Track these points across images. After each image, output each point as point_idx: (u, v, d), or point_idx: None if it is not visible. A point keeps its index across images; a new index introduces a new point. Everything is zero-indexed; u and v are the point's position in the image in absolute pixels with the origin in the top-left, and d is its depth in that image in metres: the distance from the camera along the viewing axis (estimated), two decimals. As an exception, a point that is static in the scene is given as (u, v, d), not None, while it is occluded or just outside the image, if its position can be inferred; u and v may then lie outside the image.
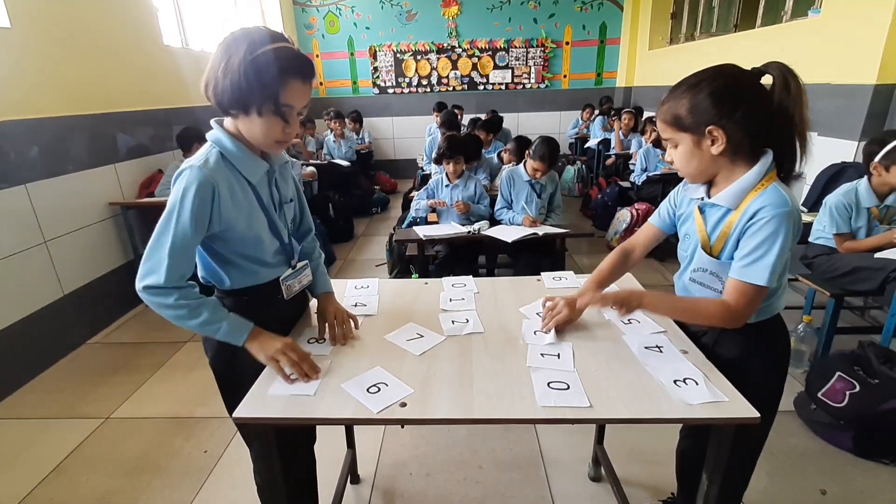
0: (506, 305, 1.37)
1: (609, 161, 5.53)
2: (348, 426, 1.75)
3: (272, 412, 0.93)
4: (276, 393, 0.98)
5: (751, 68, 0.98)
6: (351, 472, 1.74)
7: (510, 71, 7.02)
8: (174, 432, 2.05)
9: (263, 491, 1.29)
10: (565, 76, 7.07)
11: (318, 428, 1.43)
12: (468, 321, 1.26)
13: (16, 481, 1.82)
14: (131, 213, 3.13)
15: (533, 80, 7.05)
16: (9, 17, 2.40)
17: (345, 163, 5.35)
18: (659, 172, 4.10)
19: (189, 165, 0.99)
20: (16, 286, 2.42)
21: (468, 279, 1.54)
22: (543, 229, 2.61)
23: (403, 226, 3.59)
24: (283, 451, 1.03)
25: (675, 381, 0.96)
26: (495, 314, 1.31)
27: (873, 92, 2.78)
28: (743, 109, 0.93)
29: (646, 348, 1.09)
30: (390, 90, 7.16)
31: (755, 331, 1.08)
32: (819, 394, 1.91)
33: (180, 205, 0.96)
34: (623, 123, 5.48)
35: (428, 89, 7.12)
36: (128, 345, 2.83)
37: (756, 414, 0.87)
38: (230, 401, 1.17)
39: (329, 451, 1.73)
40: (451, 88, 7.10)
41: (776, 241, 0.93)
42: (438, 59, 6.99)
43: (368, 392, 0.97)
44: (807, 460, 1.80)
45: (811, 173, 3.07)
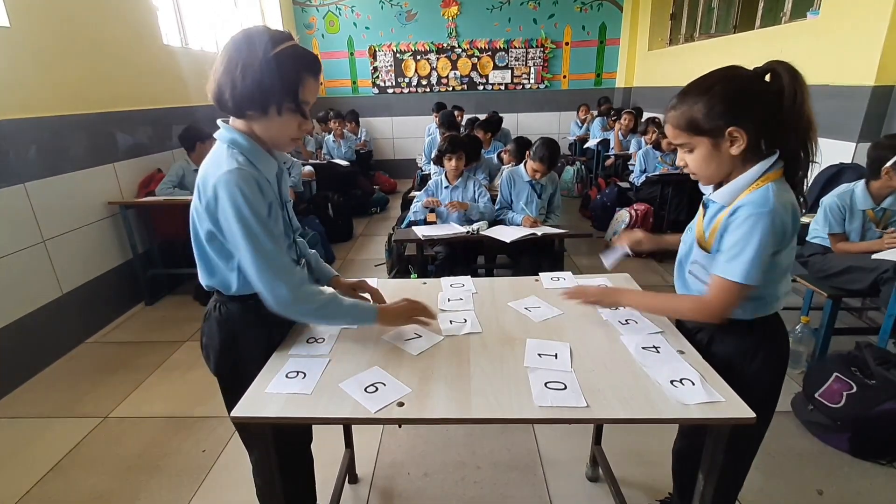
0: (504, 306, 1.37)
1: (608, 162, 5.54)
2: (346, 426, 1.75)
3: (270, 412, 0.93)
4: (274, 391, 0.98)
5: (753, 68, 0.98)
6: (349, 472, 1.74)
7: (510, 71, 7.02)
8: (172, 432, 2.05)
9: (263, 491, 1.29)
10: (565, 77, 7.08)
11: (316, 427, 1.43)
12: (466, 321, 1.26)
13: (14, 480, 1.82)
14: (130, 213, 3.13)
15: (532, 81, 7.05)
16: (8, 17, 2.40)
17: (344, 163, 5.35)
18: (658, 173, 4.10)
19: (223, 170, 0.95)
20: (14, 285, 2.42)
21: (466, 279, 1.54)
22: (543, 230, 2.62)
23: (402, 226, 3.60)
24: (281, 452, 1.03)
25: (672, 382, 0.96)
26: (493, 314, 1.32)
27: (871, 93, 2.79)
28: (758, 109, 0.95)
29: (643, 348, 1.10)
30: (390, 90, 7.16)
31: (751, 329, 1.09)
32: (816, 394, 1.92)
33: (247, 206, 0.94)
34: (622, 124, 5.48)
35: (427, 89, 7.12)
36: (126, 344, 2.83)
37: (752, 414, 0.87)
38: (234, 404, 1.16)
39: (327, 451, 1.74)
40: (451, 88, 7.10)
41: (751, 240, 0.95)
42: (438, 60, 6.99)
43: (366, 392, 0.97)
44: (804, 461, 1.80)
45: (809, 174, 3.07)
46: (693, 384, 0.95)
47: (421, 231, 2.67)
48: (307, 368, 1.06)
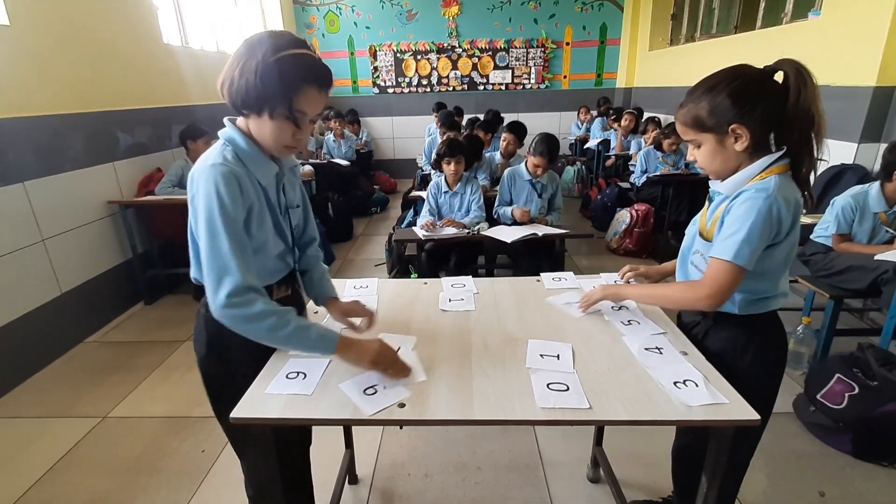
0: (505, 306, 1.36)
1: (609, 162, 5.53)
2: (346, 426, 1.74)
3: (270, 412, 0.92)
4: (274, 391, 0.98)
5: (763, 66, 1.00)
6: (349, 473, 1.74)
7: (510, 71, 7.02)
8: (172, 432, 2.04)
9: (259, 502, 1.28)
10: (565, 77, 7.07)
11: (316, 428, 1.42)
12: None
13: (12, 481, 1.81)
14: (130, 212, 3.12)
15: (533, 81, 7.04)
16: (8, 15, 2.39)
17: (344, 162, 5.34)
18: (659, 173, 4.09)
19: (208, 164, 0.95)
20: (13, 284, 2.41)
21: (467, 279, 1.54)
22: (543, 230, 2.61)
23: (403, 226, 3.59)
24: (280, 456, 1.01)
25: (675, 383, 0.96)
26: (495, 315, 1.31)
27: (873, 94, 2.79)
28: (762, 107, 0.97)
29: (646, 350, 1.09)
30: (390, 90, 7.15)
31: (744, 324, 1.10)
32: (818, 396, 1.91)
33: (218, 202, 0.92)
34: (622, 125, 5.48)
35: (428, 89, 7.11)
36: (125, 344, 2.82)
37: (756, 416, 0.87)
38: (218, 404, 1.15)
39: (327, 452, 1.73)
40: (452, 88, 7.09)
41: (747, 221, 0.97)
42: (438, 59, 6.98)
43: (365, 393, 0.97)
44: (805, 462, 1.80)
45: (815, 172, 3.08)
46: (696, 385, 0.95)
47: (422, 231, 2.66)
48: (307, 369, 1.05)
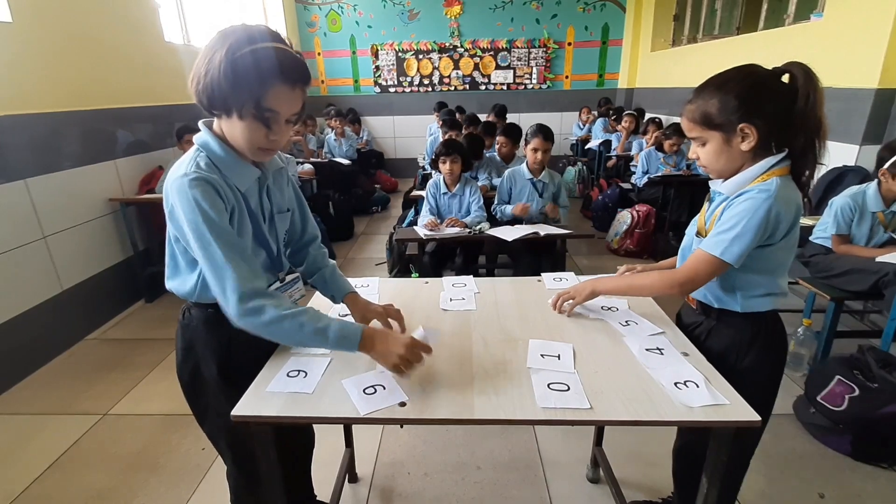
0: (506, 306, 1.36)
1: (610, 163, 5.53)
2: (347, 425, 1.74)
3: (271, 411, 0.92)
4: (275, 390, 0.98)
5: (772, 68, 1.00)
6: (349, 472, 1.74)
7: (512, 71, 7.01)
8: (172, 429, 2.04)
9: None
10: (567, 77, 7.07)
11: (317, 427, 1.42)
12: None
13: (11, 477, 1.81)
14: (131, 210, 3.12)
15: (535, 81, 7.04)
16: (10, 12, 2.39)
17: (345, 161, 5.34)
18: (660, 174, 4.09)
19: (180, 174, 0.91)
20: (14, 281, 2.42)
21: (468, 279, 1.54)
22: (545, 229, 2.60)
23: (403, 225, 3.59)
24: (281, 456, 1.01)
25: (676, 384, 0.96)
26: (496, 314, 1.31)
27: (875, 96, 2.78)
28: (772, 107, 0.97)
29: (646, 350, 1.09)
30: (392, 89, 7.15)
31: (748, 322, 1.10)
32: (818, 397, 1.91)
33: (200, 212, 0.88)
34: (624, 126, 5.47)
35: (429, 89, 7.11)
36: (126, 341, 2.82)
37: (756, 417, 0.87)
38: (195, 409, 1.14)
39: (328, 450, 1.73)
40: (453, 88, 7.09)
41: (743, 219, 0.98)
42: (440, 59, 6.98)
43: (364, 393, 0.97)
44: (805, 463, 1.80)
45: (815, 175, 3.07)
46: (697, 386, 0.95)
47: (423, 230, 2.66)
48: (308, 368, 1.05)
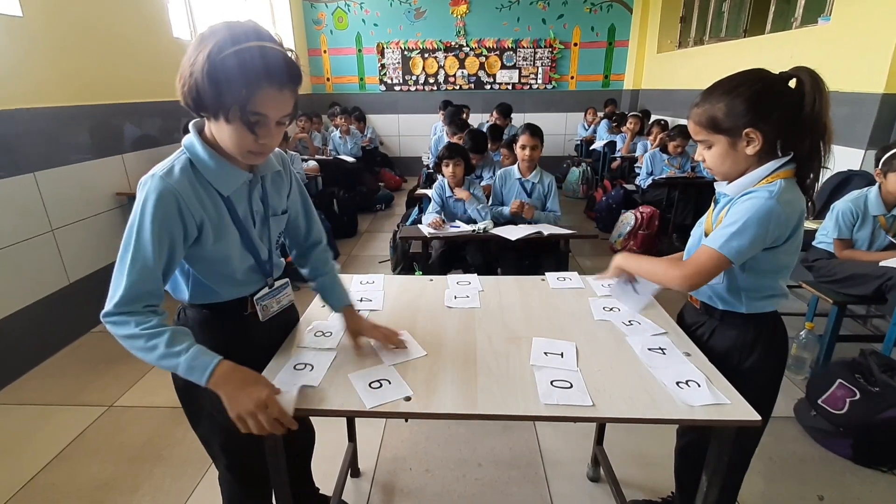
0: (510, 304, 1.38)
1: (614, 164, 5.53)
2: (350, 420, 1.76)
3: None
4: (281, 382, 0.98)
5: (779, 72, 1.01)
6: (352, 466, 1.76)
7: (517, 71, 7.01)
8: (176, 421, 2.06)
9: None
10: (572, 77, 7.06)
11: (320, 421, 1.43)
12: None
13: (19, 467, 1.84)
14: (138, 204, 3.14)
15: (540, 81, 7.04)
16: (20, 6, 2.42)
17: (350, 159, 5.36)
18: (665, 176, 4.09)
19: (152, 174, 0.91)
20: (23, 273, 2.44)
21: (473, 277, 1.55)
22: (549, 229, 2.61)
23: (408, 223, 3.60)
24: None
25: (678, 383, 0.97)
26: (500, 312, 1.32)
27: (881, 101, 2.78)
28: (778, 113, 0.98)
29: (649, 350, 1.10)
30: (397, 87, 7.16)
31: (751, 323, 1.11)
32: (819, 400, 1.91)
33: (140, 219, 0.88)
34: (628, 127, 5.47)
35: (434, 87, 7.12)
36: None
37: (757, 417, 0.88)
38: (188, 412, 1.15)
39: (330, 445, 1.75)
40: (458, 87, 7.10)
41: (744, 217, 0.99)
42: (446, 58, 6.98)
43: (370, 387, 0.98)
44: (805, 466, 1.80)
45: (819, 179, 3.08)
46: (699, 386, 0.96)
47: (427, 229, 2.67)
48: (315, 361, 1.07)
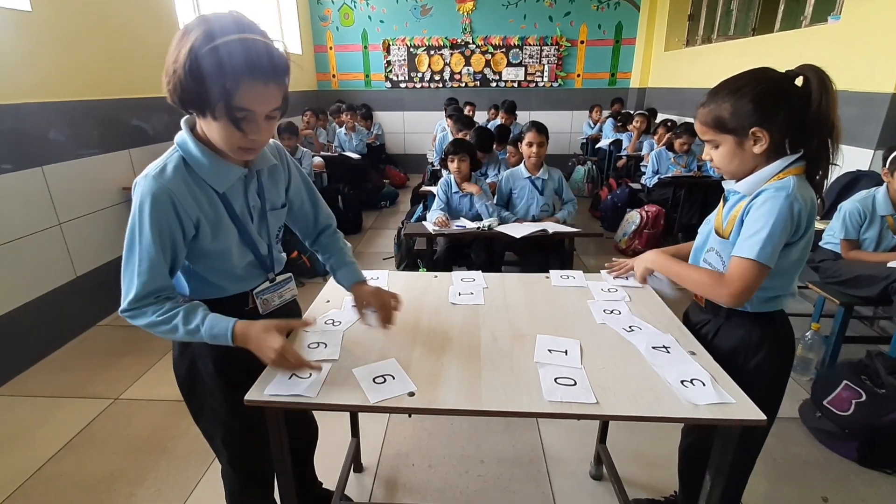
0: (515, 301, 1.37)
1: (620, 162, 5.51)
2: (353, 414, 1.77)
3: (283, 396, 0.94)
4: (286, 377, 0.99)
5: (785, 71, 1.00)
6: (355, 461, 1.76)
7: (523, 69, 6.99)
8: (182, 414, 2.07)
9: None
10: (579, 75, 7.03)
11: (323, 416, 1.44)
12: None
13: (26, 457, 1.86)
14: (144, 199, 3.16)
15: (546, 79, 7.01)
16: (29, 1, 2.43)
17: (355, 156, 5.36)
18: (671, 175, 4.07)
19: (144, 174, 0.91)
20: (30, 267, 2.47)
21: (477, 274, 1.55)
22: (553, 227, 2.61)
23: (412, 220, 3.60)
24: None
25: (682, 382, 0.96)
26: (504, 309, 1.32)
27: (891, 100, 2.75)
28: (784, 112, 0.98)
29: (653, 348, 1.10)
30: (402, 84, 7.15)
31: (758, 322, 1.11)
32: (825, 402, 1.90)
33: (139, 221, 0.90)
34: (634, 126, 5.44)
35: (440, 85, 7.10)
36: (137, 328, 2.83)
37: (762, 416, 0.87)
38: (191, 405, 1.16)
39: (334, 440, 1.76)
40: (464, 84, 7.08)
41: (769, 220, 0.98)
42: (452, 55, 6.97)
43: (374, 382, 0.98)
44: (810, 468, 1.80)
45: (829, 177, 3.06)
46: (704, 385, 0.95)
47: (432, 226, 2.67)
48: (327, 340, 1.09)
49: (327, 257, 1.28)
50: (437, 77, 7.09)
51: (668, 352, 1.09)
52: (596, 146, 6.22)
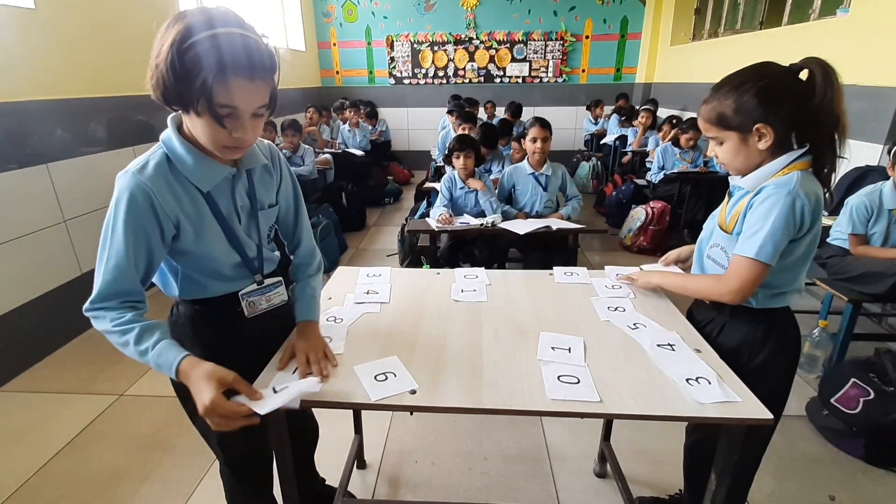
0: (518, 298, 1.36)
1: (625, 158, 5.46)
2: (356, 411, 1.76)
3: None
4: (288, 375, 0.99)
5: (789, 64, 0.99)
6: (358, 458, 1.76)
7: (528, 64, 6.95)
8: (184, 412, 2.08)
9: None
10: (584, 71, 6.98)
11: (326, 413, 1.43)
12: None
13: (31, 454, 1.87)
14: (148, 196, 3.17)
15: (551, 74, 6.97)
16: (34, -2, 2.44)
17: (359, 152, 5.36)
18: (676, 171, 4.04)
19: (125, 170, 0.89)
20: (36, 263, 2.48)
21: (480, 271, 1.54)
22: (557, 223, 2.59)
23: (416, 217, 3.60)
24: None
25: (688, 380, 0.95)
26: (507, 306, 1.31)
27: (901, 95, 2.71)
28: (788, 107, 0.97)
29: (658, 346, 1.09)
30: (406, 81, 7.13)
31: (762, 319, 1.10)
32: (832, 400, 1.88)
33: (114, 218, 0.88)
34: (640, 121, 5.40)
35: (444, 81, 7.08)
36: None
37: (769, 415, 0.86)
38: (186, 405, 1.12)
39: (337, 436, 1.76)
40: (468, 81, 7.05)
41: (770, 217, 0.98)
42: (456, 51, 6.94)
43: (376, 379, 0.98)
44: (817, 466, 1.78)
45: (837, 171, 3.02)
46: (709, 383, 0.94)
47: (435, 223, 2.66)
48: (333, 333, 1.09)
49: (293, 278, 1.20)
50: (441, 73, 7.06)
51: (674, 349, 1.08)
52: (601, 142, 6.18)
